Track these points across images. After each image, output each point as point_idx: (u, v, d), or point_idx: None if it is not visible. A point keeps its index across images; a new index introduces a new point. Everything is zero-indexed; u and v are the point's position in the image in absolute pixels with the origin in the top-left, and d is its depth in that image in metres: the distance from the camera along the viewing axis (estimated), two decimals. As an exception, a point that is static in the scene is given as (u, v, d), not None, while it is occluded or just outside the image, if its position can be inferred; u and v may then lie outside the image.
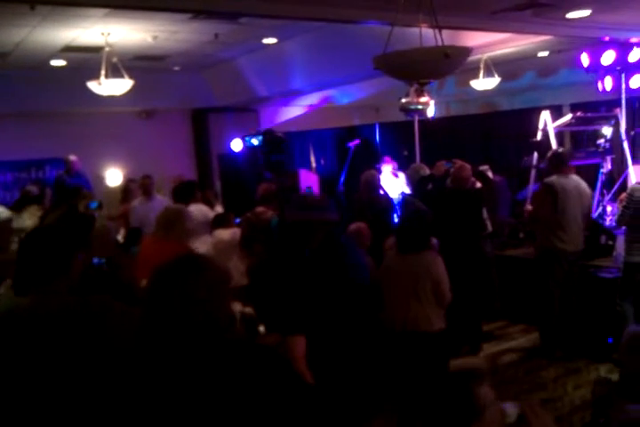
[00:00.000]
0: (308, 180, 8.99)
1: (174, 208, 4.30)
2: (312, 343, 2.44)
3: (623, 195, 5.03)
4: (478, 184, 5.48)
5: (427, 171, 6.12)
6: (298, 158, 11.31)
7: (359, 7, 4.24)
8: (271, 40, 7.66)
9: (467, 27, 5.22)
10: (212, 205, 5.49)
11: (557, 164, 5.04)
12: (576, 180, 5.10)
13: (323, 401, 1.94)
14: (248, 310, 2.96)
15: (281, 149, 4.86)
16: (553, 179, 4.99)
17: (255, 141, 8.27)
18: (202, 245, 4.62)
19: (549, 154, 5.25)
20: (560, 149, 5.27)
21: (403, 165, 7.97)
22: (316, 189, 9.02)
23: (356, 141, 8.52)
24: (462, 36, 6.24)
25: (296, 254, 4.34)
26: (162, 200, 6.24)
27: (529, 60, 8.43)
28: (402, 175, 7.14)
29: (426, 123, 8.78)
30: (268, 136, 5.12)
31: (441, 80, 9.42)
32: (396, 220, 5.57)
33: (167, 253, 3.13)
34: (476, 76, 8.31)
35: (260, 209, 4.64)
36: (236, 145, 8.96)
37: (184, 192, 4.49)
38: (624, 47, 6.94)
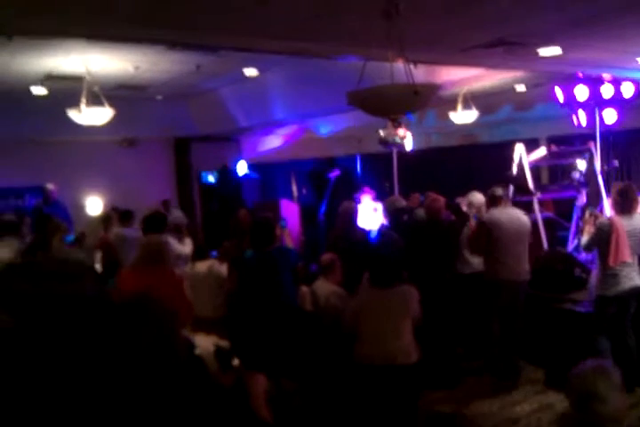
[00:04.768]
0: (289, 210, 9.00)
1: (156, 240, 4.21)
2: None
3: (587, 217, 5.13)
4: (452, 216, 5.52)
5: (403, 203, 6.17)
6: (280, 188, 11.35)
7: (333, 42, 4.31)
8: (252, 71, 7.75)
9: (440, 62, 5.32)
10: (181, 238, 5.44)
11: (492, 200, 5.29)
12: (512, 212, 5.24)
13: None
14: (223, 343, 2.92)
15: (235, 186, 4.85)
16: (486, 215, 5.24)
17: (211, 178, 8.28)
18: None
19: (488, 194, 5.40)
20: (497, 192, 5.36)
21: (384, 196, 8.00)
22: (296, 219, 9.02)
23: (336, 172, 8.59)
24: (439, 70, 6.36)
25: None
26: None
27: (506, 95, 8.58)
28: (380, 207, 7.16)
29: (407, 155, 8.86)
30: (223, 173, 5.15)
31: (422, 112, 9.57)
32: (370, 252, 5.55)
33: (148, 284, 3.09)
34: (455, 109, 8.42)
35: None
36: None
37: (155, 223, 4.44)
38: (597, 83, 7.11)
